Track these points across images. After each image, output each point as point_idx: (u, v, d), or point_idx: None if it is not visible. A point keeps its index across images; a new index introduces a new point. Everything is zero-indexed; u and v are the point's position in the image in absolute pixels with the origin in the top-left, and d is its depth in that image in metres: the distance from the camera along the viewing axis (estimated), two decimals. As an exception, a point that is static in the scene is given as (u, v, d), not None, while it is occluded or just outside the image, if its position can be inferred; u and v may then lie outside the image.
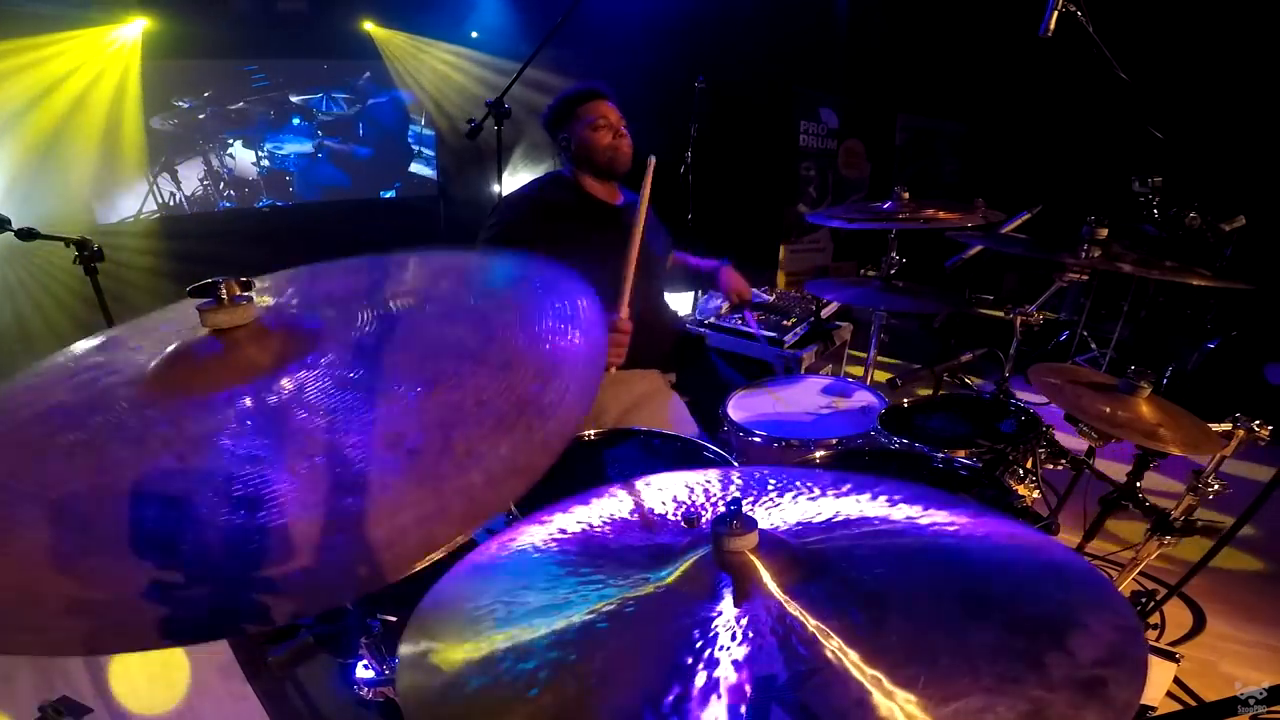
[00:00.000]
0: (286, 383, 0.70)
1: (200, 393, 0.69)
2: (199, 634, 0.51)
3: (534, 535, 0.79)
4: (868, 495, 0.80)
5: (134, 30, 4.35)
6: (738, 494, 0.82)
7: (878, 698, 0.51)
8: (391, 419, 0.65)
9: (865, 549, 0.69)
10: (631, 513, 0.82)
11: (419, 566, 0.55)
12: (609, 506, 0.83)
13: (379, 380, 0.69)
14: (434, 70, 5.92)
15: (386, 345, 0.75)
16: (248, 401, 0.67)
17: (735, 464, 1.52)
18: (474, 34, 5.82)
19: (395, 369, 0.71)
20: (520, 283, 0.93)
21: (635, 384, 1.93)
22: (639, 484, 0.88)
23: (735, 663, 0.55)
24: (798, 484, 0.84)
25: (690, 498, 0.85)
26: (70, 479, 0.61)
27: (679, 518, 0.80)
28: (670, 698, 0.53)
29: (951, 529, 0.72)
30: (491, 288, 0.92)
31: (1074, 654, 0.54)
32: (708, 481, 0.88)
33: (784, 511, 0.79)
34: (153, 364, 0.75)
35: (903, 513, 0.75)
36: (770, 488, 0.84)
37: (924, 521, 0.74)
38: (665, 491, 0.86)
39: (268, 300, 0.86)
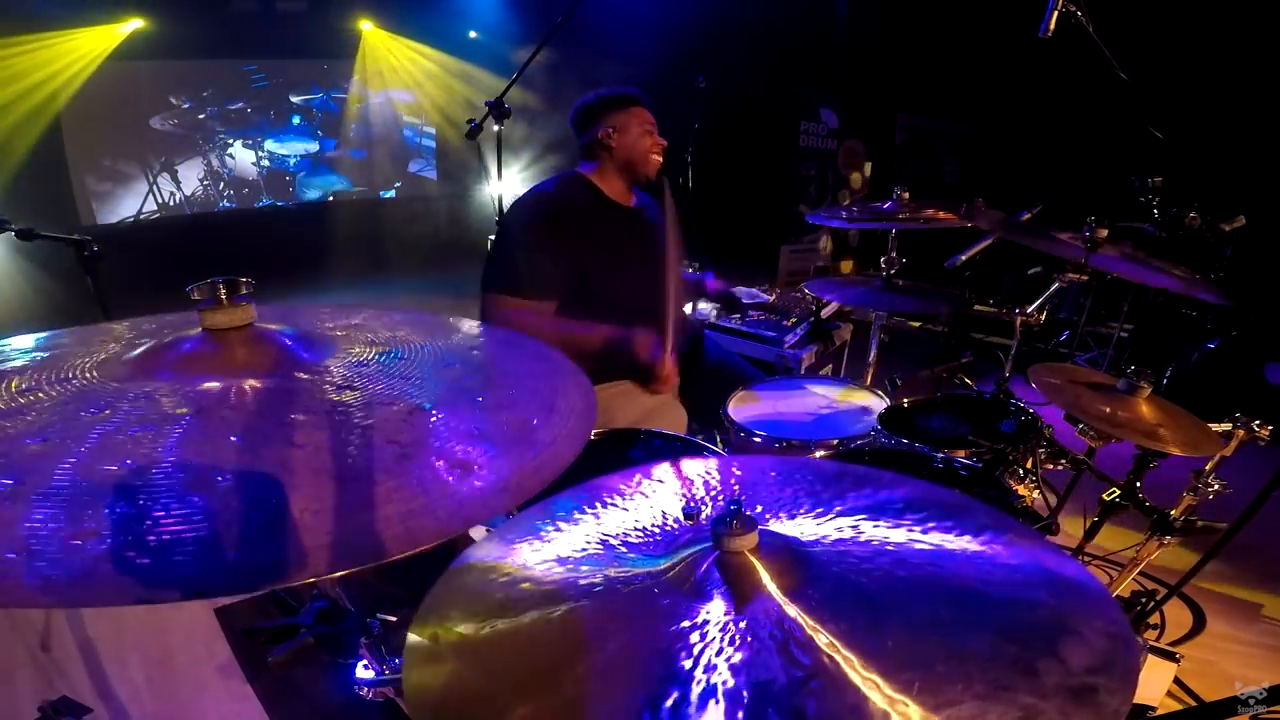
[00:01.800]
0: (279, 382, 0.70)
1: (184, 375, 0.69)
2: (163, 593, 0.50)
3: (534, 534, 0.79)
4: (866, 492, 0.80)
5: (125, 30, 4.34)
6: (737, 493, 0.82)
7: (874, 703, 0.51)
8: (385, 427, 0.66)
9: (862, 551, 0.69)
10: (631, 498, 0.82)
11: (397, 557, 0.56)
12: (609, 505, 0.83)
13: (375, 398, 0.70)
14: (433, 70, 5.92)
15: (385, 372, 0.76)
16: (220, 388, 0.68)
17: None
18: (472, 34, 5.82)
19: (392, 391, 0.72)
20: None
21: (643, 397, 1.93)
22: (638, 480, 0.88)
23: (733, 666, 0.55)
24: (797, 477, 0.84)
25: (690, 491, 0.84)
26: (18, 436, 0.60)
27: (679, 515, 0.80)
28: (669, 702, 0.53)
29: (949, 532, 0.72)
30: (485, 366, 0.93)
31: (1066, 661, 0.54)
32: (707, 473, 0.88)
33: (783, 512, 0.79)
34: (136, 350, 0.75)
35: (901, 515, 0.75)
36: (770, 479, 0.84)
37: (921, 525, 0.73)
38: (665, 486, 0.86)
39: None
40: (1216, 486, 1.46)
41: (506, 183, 2.35)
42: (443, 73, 5.94)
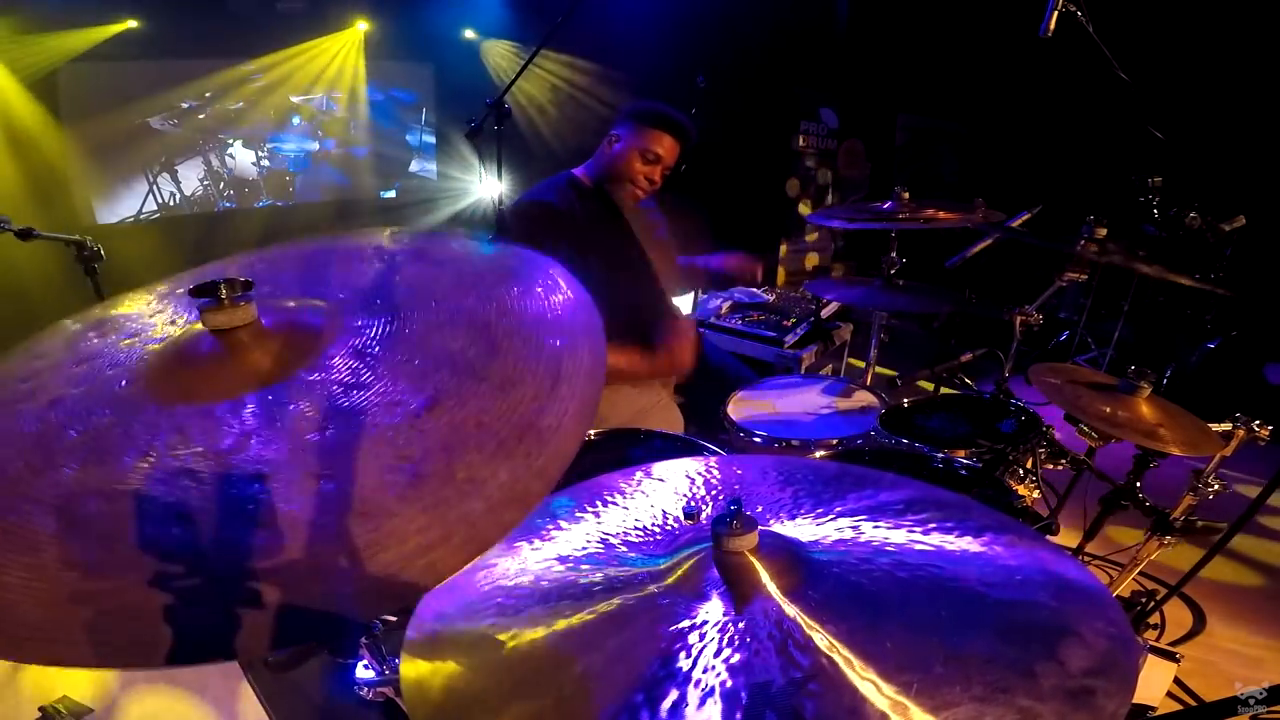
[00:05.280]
0: (290, 392, 0.69)
1: (204, 399, 0.68)
2: (203, 654, 0.50)
3: (533, 533, 0.79)
4: (867, 492, 0.80)
5: (124, 28, 4.33)
6: (737, 492, 0.82)
7: (872, 705, 0.51)
8: (396, 440, 0.63)
9: (862, 552, 0.69)
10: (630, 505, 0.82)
11: (421, 595, 0.55)
12: (609, 504, 0.83)
13: (382, 395, 0.68)
14: (433, 69, 5.92)
15: (387, 354, 0.73)
16: (251, 411, 0.66)
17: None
18: (470, 34, 5.81)
19: (398, 381, 0.70)
20: (515, 276, 0.89)
21: (637, 397, 1.93)
22: (637, 479, 0.88)
23: (732, 667, 0.55)
24: (797, 477, 0.84)
25: (690, 489, 0.84)
26: (76, 481, 0.59)
27: (679, 514, 0.80)
28: (668, 701, 0.53)
29: (950, 533, 0.72)
30: (487, 271, 0.88)
31: (1064, 663, 0.54)
32: (708, 470, 0.88)
33: (783, 512, 0.79)
34: (153, 362, 0.74)
35: (902, 515, 0.75)
36: (770, 479, 0.84)
37: (922, 526, 0.73)
38: (666, 485, 0.86)
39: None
40: (1216, 486, 1.46)
41: (506, 182, 2.35)
42: (444, 72, 5.93)
